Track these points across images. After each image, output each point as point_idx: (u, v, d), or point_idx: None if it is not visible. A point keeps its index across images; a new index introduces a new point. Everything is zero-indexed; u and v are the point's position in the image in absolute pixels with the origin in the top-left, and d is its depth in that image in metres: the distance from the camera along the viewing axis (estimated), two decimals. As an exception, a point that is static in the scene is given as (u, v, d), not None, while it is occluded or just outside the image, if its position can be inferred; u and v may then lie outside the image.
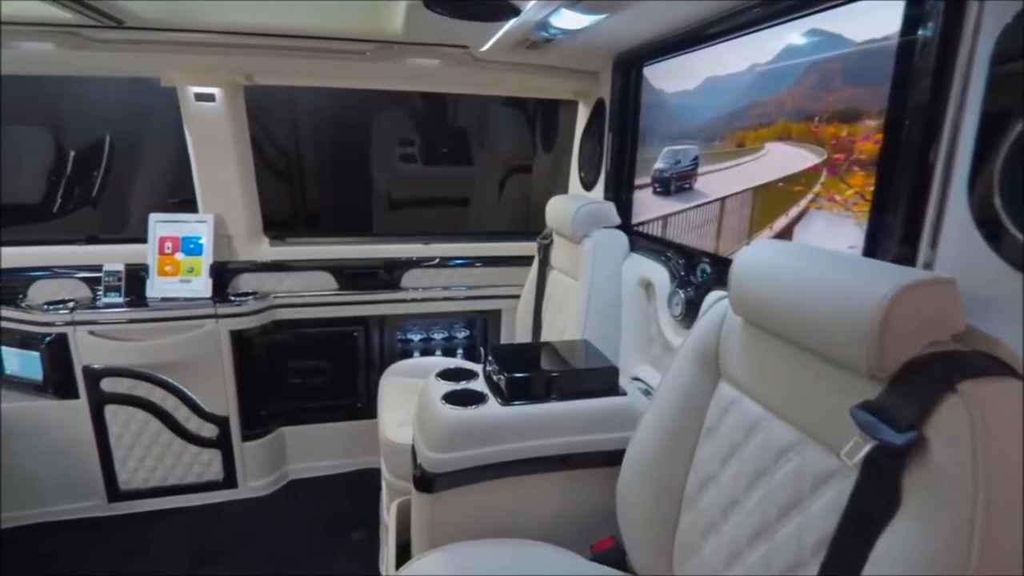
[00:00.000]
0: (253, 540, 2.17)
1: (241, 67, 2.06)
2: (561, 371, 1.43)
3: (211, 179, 2.27)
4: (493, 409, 1.34)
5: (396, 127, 3.21)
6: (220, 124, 2.17)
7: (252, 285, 2.37)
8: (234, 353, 2.27)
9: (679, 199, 1.73)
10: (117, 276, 2.21)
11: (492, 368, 1.45)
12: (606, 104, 2.14)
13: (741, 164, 1.44)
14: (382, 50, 1.95)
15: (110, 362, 2.16)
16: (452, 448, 1.31)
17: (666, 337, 1.65)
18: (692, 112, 1.66)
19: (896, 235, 0.99)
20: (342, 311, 2.46)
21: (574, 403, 1.37)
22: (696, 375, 1.15)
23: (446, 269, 2.57)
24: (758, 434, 1.01)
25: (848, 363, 0.79)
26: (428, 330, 2.67)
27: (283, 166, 3.07)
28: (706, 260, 1.57)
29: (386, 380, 2.23)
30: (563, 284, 2.08)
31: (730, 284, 1.02)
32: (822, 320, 0.82)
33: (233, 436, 2.34)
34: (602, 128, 2.17)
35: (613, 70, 2.06)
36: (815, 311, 0.83)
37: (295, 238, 2.53)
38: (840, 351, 0.80)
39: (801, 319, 0.87)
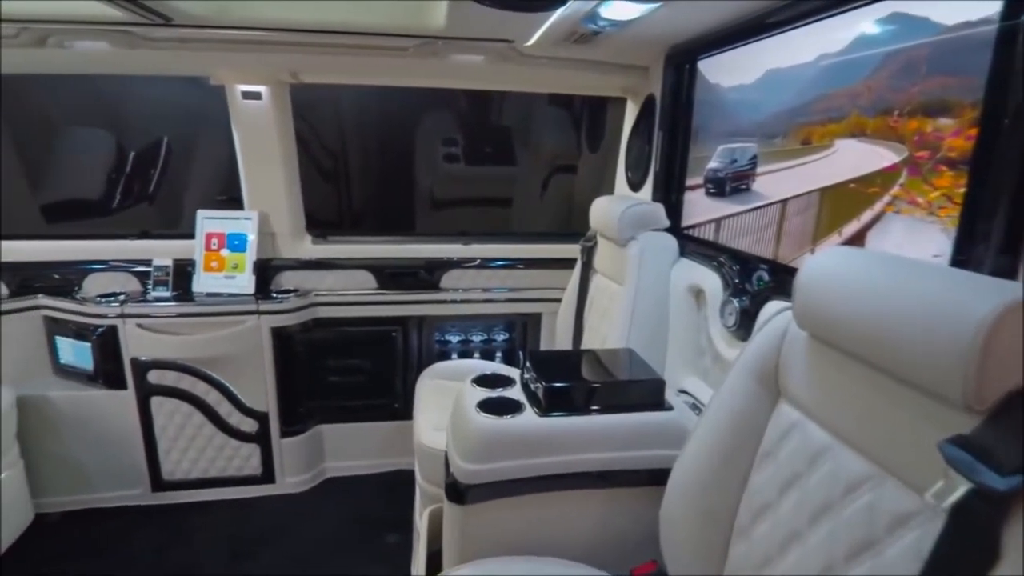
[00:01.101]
0: (288, 537, 2.17)
1: (286, 65, 2.07)
2: (603, 382, 1.35)
3: (256, 177, 2.29)
4: (530, 419, 1.27)
5: (440, 127, 3.19)
6: (266, 122, 2.18)
7: (294, 282, 2.39)
8: (275, 350, 2.28)
9: (734, 201, 1.62)
10: (165, 271, 2.26)
11: (530, 376, 1.38)
12: (656, 100, 2.04)
13: (806, 163, 1.32)
14: (425, 46, 1.91)
15: (157, 355, 2.20)
16: (486, 459, 1.25)
17: (717, 349, 1.54)
18: (751, 107, 1.55)
19: (994, 244, 0.87)
20: (381, 310, 2.44)
21: (616, 417, 1.29)
22: (752, 393, 1.05)
23: (486, 270, 2.52)
24: (824, 463, 0.91)
25: (937, 390, 0.69)
26: (467, 332, 2.63)
27: (329, 165, 3.10)
28: (764, 267, 1.46)
29: (423, 382, 2.20)
30: (607, 289, 1.99)
31: (795, 294, 0.92)
32: (907, 340, 0.71)
33: (272, 432, 2.36)
34: (651, 126, 2.07)
35: (665, 64, 1.96)
36: (898, 329, 0.73)
37: (337, 236, 2.53)
38: (928, 376, 0.69)
39: (880, 337, 0.76)
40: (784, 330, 1.01)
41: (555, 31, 1.68)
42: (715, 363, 1.58)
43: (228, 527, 2.22)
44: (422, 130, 3.16)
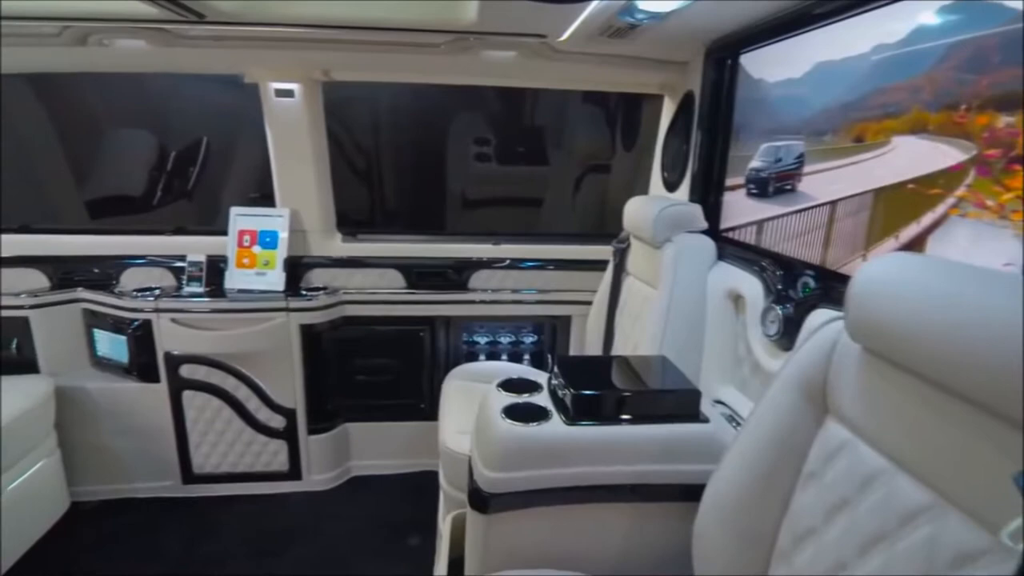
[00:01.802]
0: (313, 536, 2.17)
1: (319, 62, 2.07)
2: (634, 390, 1.29)
3: (288, 174, 2.30)
4: (556, 428, 1.22)
5: (472, 126, 3.16)
6: (298, 120, 2.19)
7: (324, 280, 2.39)
8: (303, 347, 2.29)
9: (778, 202, 1.53)
10: (199, 267, 2.29)
11: (558, 382, 1.32)
12: (695, 97, 1.96)
13: (859, 162, 1.23)
14: (457, 42, 1.88)
15: (189, 349, 2.23)
16: (510, 467, 1.20)
17: (757, 358, 1.46)
18: (798, 103, 1.46)
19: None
20: (409, 310, 2.42)
21: (648, 428, 1.23)
22: (797, 408, 0.98)
23: (516, 271, 2.47)
24: (877, 489, 0.83)
25: (1009, 413, 0.62)
26: (495, 333, 2.59)
27: (362, 164, 3.11)
28: (809, 273, 1.37)
29: (449, 383, 2.17)
30: (640, 292, 1.92)
31: (848, 303, 0.84)
32: (974, 356, 0.64)
33: (299, 429, 2.37)
34: (690, 124, 1.99)
35: (705, 59, 1.88)
36: (965, 344, 0.65)
37: (367, 235, 2.53)
38: (998, 397, 0.62)
39: (944, 353, 0.69)
40: (834, 342, 0.93)
41: (590, 25, 1.63)
42: (754, 373, 1.50)
43: (254, 523, 2.23)
44: (454, 129, 3.14)
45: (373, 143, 3.13)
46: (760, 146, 1.62)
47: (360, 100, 3.00)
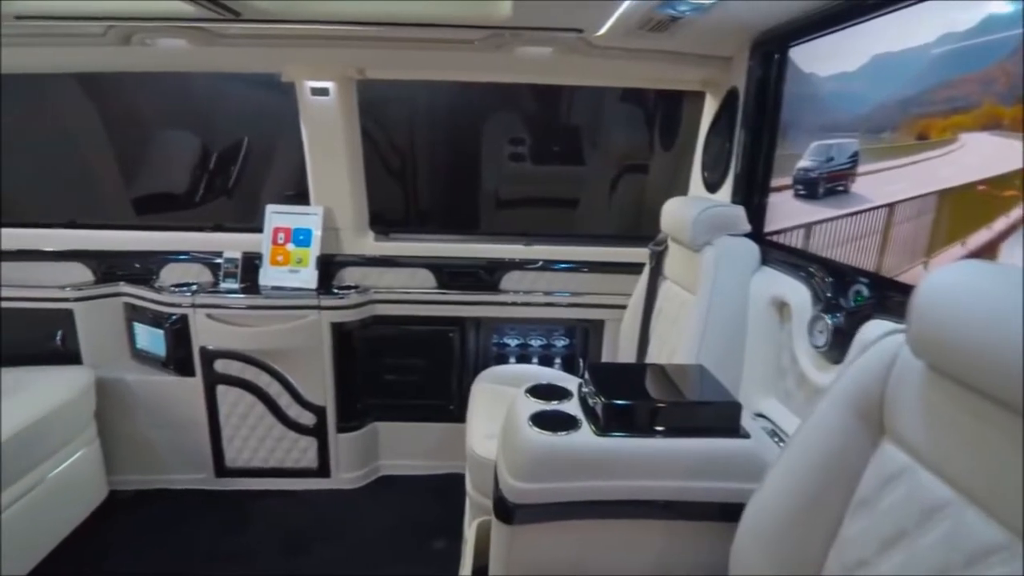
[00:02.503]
0: (340, 534, 2.17)
1: (353, 60, 2.07)
2: (670, 401, 1.22)
3: (322, 172, 2.31)
4: (586, 438, 1.16)
5: (507, 126, 3.13)
6: (332, 118, 2.19)
7: (355, 278, 2.39)
8: (334, 345, 2.29)
9: (829, 204, 1.44)
10: (235, 263, 2.32)
11: (589, 390, 1.27)
12: (740, 94, 1.87)
13: (921, 161, 1.13)
14: (492, 38, 1.84)
15: (223, 344, 2.26)
16: (537, 478, 1.15)
17: (802, 370, 1.37)
18: (853, 98, 1.37)
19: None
20: (440, 310, 2.40)
21: (683, 441, 1.16)
22: (849, 428, 0.90)
23: (548, 273, 2.42)
24: (940, 522, 0.75)
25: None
26: (526, 336, 2.54)
27: (396, 163, 3.11)
28: (863, 280, 1.28)
29: (478, 385, 2.14)
30: (677, 297, 1.85)
31: (911, 315, 0.76)
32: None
33: (329, 426, 2.37)
34: (733, 121, 1.90)
35: (751, 53, 1.79)
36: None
37: (399, 234, 2.52)
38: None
39: None
40: (893, 357, 0.85)
41: (629, 18, 1.56)
42: (799, 386, 1.41)
43: (283, 519, 2.25)
44: (489, 129, 3.11)
45: (408, 143, 3.13)
46: (810, 144, 1.53)
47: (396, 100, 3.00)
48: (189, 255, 2.39)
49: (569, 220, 3.24)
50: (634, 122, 3.01)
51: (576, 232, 3.15)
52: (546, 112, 3.15)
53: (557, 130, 3.20)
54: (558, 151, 3.25)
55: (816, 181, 1.49)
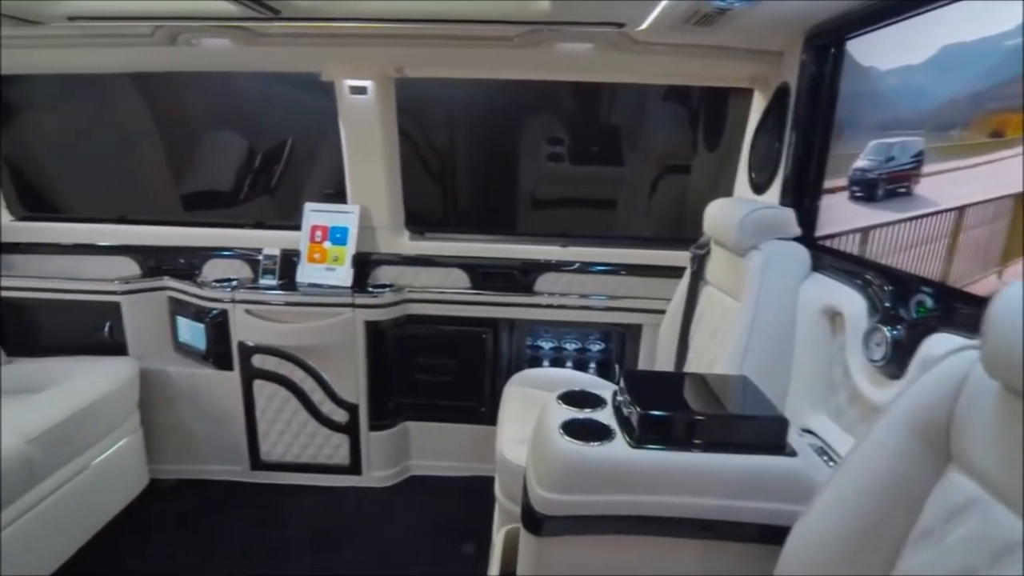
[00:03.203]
0: (369, 533, 2.17)
1: (391, 59, 2.06)
2: (710, 414, 1.15)
3: (360, 171, 2.32)
4: (620, 450, 1.11)
5: (546, 125, 3.08)
6: (370, 117, 2.19)
7: (390, 277, 2.39)
8: (367, 343, 2.29)
9: (889, 207, 1.34)
10: (273, 260, 2.35)
11: (624, 398, 1.21)
12: (791, 90, 1.77)
13: (996, 160, 1.04)
14: (531, 34, 1.80)
15: (261, 340, 2.29)
16: (567, 489, 1.11)
17: (856, 386, 1.28)
18: (918, 93, 1.27)
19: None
20: (473, 311, 2.37)
21: (724, 457, 1.09)
22: (911, 452, 0.82)
23: (584, 275, 2.37)
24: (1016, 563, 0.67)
25: None
26: (560, 339, 2.49)
27: (433, 163, 3.11)
28: (926, 290, 1.18)
29: (510, 388, 2.10)
30: (720, 303, 1.76)
31: (986, 331, 0.69)
32: None
33: (361, 424, 2.38)
34: (783, 119, 1.80)
35: (804, 47, 1.69)
36: None
37: (434, 233, 2.51)
38: None
39: None
40: (963, 376, 0.77)
41: (673, 11, 1.50)
42: (852, 403, 1.32)
43: (314, 515, 2.26)
44: (527, 129, 3.07)
45: (446, 142, 3.12)
46: (868, 143, 1.43)
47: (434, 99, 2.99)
48: (233, 251, 2.43)
49: (607, 221, 3.17)
50: (676, 121, 2.92)
51: (614, 234, 3.08)
52: (585, 111, 3.09)
53: (596, 130, 3.13)
54: (597, 151, 3.18)
55: (875, 182, 1.40)
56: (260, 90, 2.94)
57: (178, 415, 2.38)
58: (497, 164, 3.17)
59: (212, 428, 2.40)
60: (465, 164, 3.19)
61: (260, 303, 2.26)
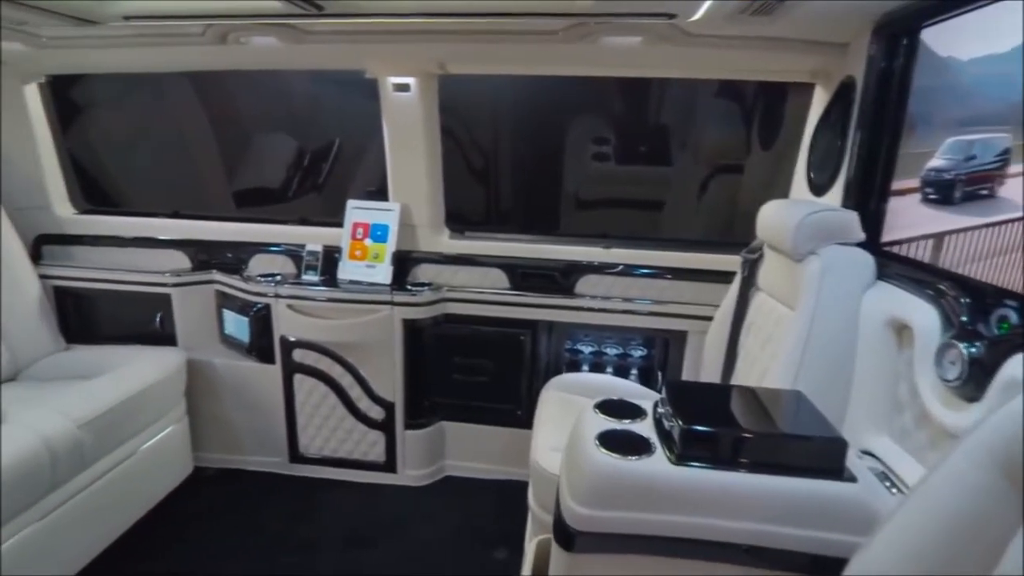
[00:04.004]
0: (402, 532, 2.16)
1: (434, 55, 2.04)
2: (760, 432, 1.07)
3: (401, 169, 2.31)
4: (659, 466, 1.04)
5: (591, 124, 3.02)
6: (413, 114, 2.18)
7: (429, 276, 2.38)
8: (405, 341, 2.29)
9: (967, 210, 1.22)
10: (316, 256, 2.37)
11: (666, 410, 1.14)
12: (857, 84, 1.65)
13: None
14: (576, 28, 1.74)
15: (301, 335, 2.32)
16: (601, 504, 1.05)
17: (926, 407, 1.16)
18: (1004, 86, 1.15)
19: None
20: (512, 312, 2.33)
21: (774, 480, 1.01)
22: (991, 488, 0.73)
23: (628, 278, 2.28)
24: None
25: None
26: (600, 343, 2.41)
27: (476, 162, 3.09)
28: (1011, 304, 1.06)
29: (547, 392, 2.05)
30: (772, 312, 1.65)
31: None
32: None
33: (397, 422, 2.37)
34: (847, 115, 1.68)
35: (873, 37, 1.57)
36: None
37: (474, 232, 2.48)
38: None
39: None
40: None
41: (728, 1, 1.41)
42: (920, 425, 1.20)
43: (349, 512, 2.27)
44: (572, 127, 3.01)
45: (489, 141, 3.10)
46: (944, 141, 1.31)
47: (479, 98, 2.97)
48: (280, 247, 2.47)
49: (653, 223, 3.07)
50: (729, 119, 2.79)
51: (660, 236, 2.98)
52: (632, 109, 3.00)
53: (644, 128, 3.04)
54: (644, 151, 3.10)
55: (951, 183, 1.27)
56: (310, 93, 3.01)
57: (222, 406, 2.43)
58: (541, 164, 3.12)
59: (253, 420, 2.44)
60: (508, 163, 3.15)
61: (301, 298, 2.29)
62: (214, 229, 2.52)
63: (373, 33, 1.90)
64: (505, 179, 3.18)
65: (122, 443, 1.96)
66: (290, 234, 2.48)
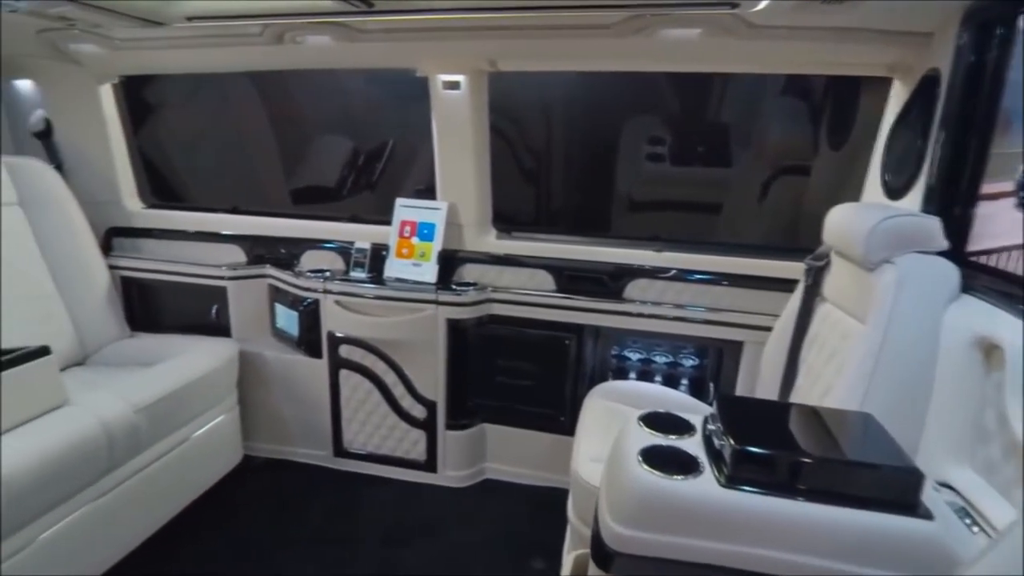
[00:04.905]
0: (440, 534, 2.14)
1: (485, 52, 2.01)
2: (822, 456, 0.98)
3: (450, 168, 2.30)
4: (707, 487, 0.97)
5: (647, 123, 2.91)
6: (462, 112, 2.16)
7: (474, 276, 2.35)
8: (448, 341, 2.27)
9: (1075, 218, 1.07)
10: (364, 254, 2.40)
11: (716, 427, 1.06)
12: (942, 78, 1.50)
13: None
14: (631, 21, 1.67)
15: (348, 331, 2.34)
16: (641, 525, 0.98)
17: (1016, 438, 1.03)
18: None
19: None
20: (557, 315, 2.27)
21: (836, 511, 0.92)
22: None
23: (681, 283, 2.18)
24: None
25: None
26: (649, 351, 2.32)
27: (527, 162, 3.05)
28: None
29: (592, 400, 1.98)
30: (839, 324, 1.53)
31: None
32: None
33: (439, 422, 2.36)
34: (930, 112, 1.53)
35: (962, 26, 1.42)
36: None
37: (521, 232, 2.44)
38: None
39: None
40: None
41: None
42: (1009, 457, 1.07)
43: (389, 509, 2.28)
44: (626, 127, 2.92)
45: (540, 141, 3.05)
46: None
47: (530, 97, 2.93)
48: (332, 243, 2.50)
49: (711, 227, 2.93)
50: (796, 118, 2.63)
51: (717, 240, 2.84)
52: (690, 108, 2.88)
53: (702, 127, 2.91)
54: (702, 151, 2.97)
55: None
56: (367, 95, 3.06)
57: (271, 397, 2.49)
58: (593, 164, 3.05)
59: (301, 412, 2.49)
60: (559, 164, 3.09)
61: (347, 295, 2.31)
62: (269, 225, 2.59)
63: (423, 30, 1.89)
64: (556, 180, 3.13)
65: (176, 429, 2.03)
66: (341, 231, 2.52)
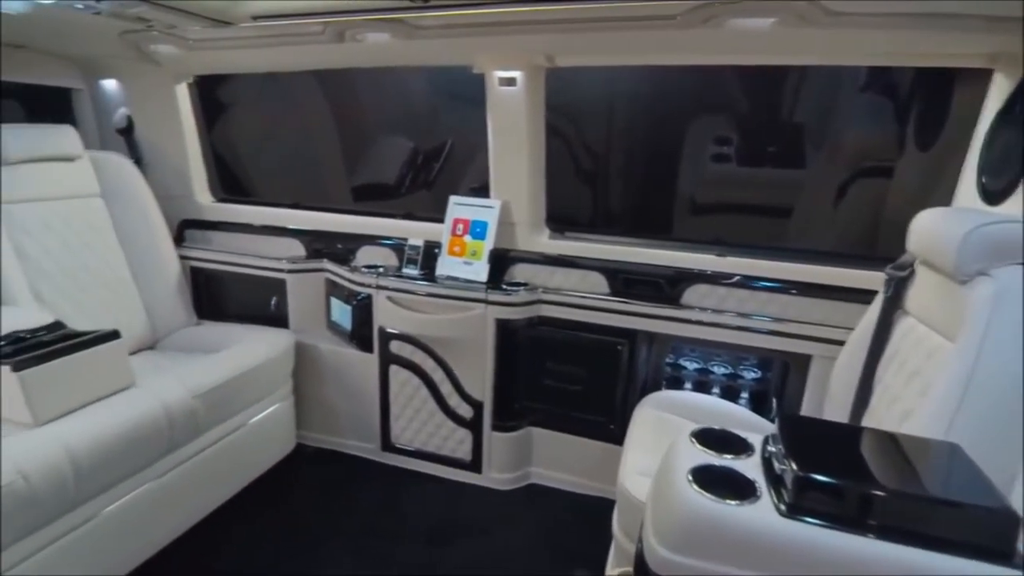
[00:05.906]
0: (482, 536, 2.12)
1: (542, 47, 1.96)
2: (899, 490, 0.87)
3: (504, 165, 2.27)
4: (765, 516, 0.88)
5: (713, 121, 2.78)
6: (517, 109, 2.12)
7: (526, 276, 2.31)
8: (497, 341, 2.25)
9: None
10: (417, 251, 2.41)
11: (778, 449, 0.97)
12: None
13: None
14: (698, 11, 1.58)
15: (398, 327, 2.36)
16: (689, 551, 0.91)
17: None
18: None
19: None
20: (610, 319, 2.19)
21: (912, 553, 0.81)
22: None
23: (744, 290, 2.06)
24: None
25: None
26: (707, 360, 2.20)
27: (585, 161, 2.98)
28: None
29: (642, 409, 1.90)
30: (924, 341, 1.38)
31: None
32: None
33: (485, 422, 2.34)
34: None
35: (1085, 8, 1.25)
36: None
37: (574, 233, 2.38)
38: None
39: None
40: None
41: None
42: None
43: (433, 507, 2.27)
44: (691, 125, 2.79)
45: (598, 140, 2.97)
46: None
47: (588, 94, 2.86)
48: (388, 240, 2.53)
49: (779, 231, 2.76)
50: (879, 115, 2.42)
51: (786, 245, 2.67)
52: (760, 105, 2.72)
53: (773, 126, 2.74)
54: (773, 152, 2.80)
55: None
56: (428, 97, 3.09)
57: (324, 389, 2.55)
58: (654, 164, 2.94)
59: (351, 405, 2.53)
60: (618, 164, 3.00)
61: (398, 291, 2.33)
62: (328, 220, 2.65)
63: (480, 26, 1.86)
64: (615, 180, 3.04)
65: (233, 415, 2.10)
66: (395, 228, 2.54)
